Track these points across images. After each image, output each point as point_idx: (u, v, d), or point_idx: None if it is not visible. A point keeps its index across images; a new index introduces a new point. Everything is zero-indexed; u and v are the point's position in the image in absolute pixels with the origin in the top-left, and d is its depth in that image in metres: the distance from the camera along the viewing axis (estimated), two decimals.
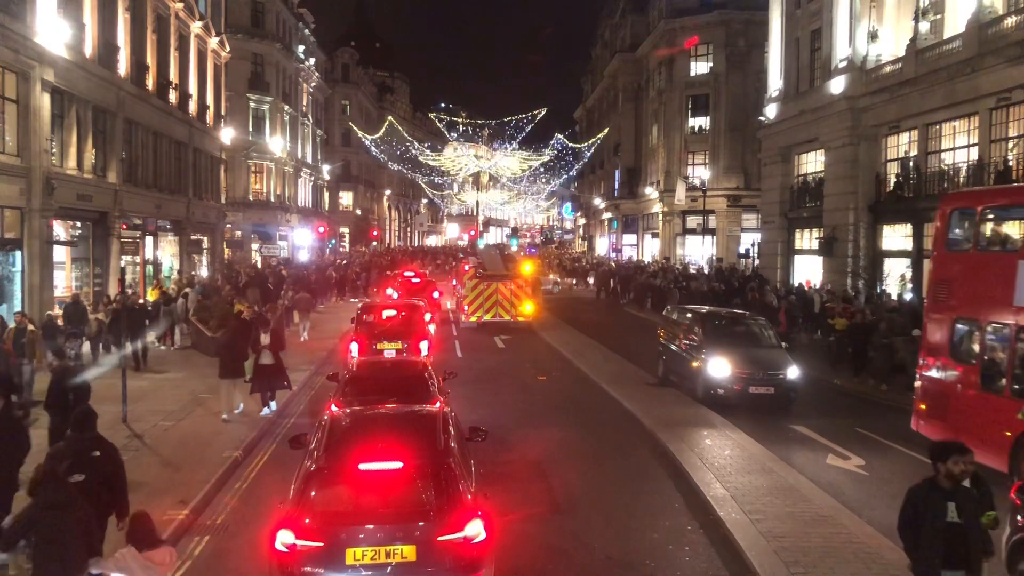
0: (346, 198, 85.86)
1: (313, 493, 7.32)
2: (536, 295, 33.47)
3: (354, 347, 18.95)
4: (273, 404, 15.62)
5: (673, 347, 19.21)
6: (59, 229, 24.77)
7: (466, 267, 36.09)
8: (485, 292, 29.52)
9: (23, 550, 6.58)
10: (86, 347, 19.73)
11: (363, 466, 7.44)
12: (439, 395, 11.73)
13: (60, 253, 24.91)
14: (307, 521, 7.07)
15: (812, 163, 34.54)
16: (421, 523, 7.11)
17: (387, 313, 21.53)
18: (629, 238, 68.70)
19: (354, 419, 9.09)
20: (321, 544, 6.97)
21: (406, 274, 37.60)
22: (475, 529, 7.08)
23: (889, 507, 9.23)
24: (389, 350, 19.03)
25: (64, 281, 25.17)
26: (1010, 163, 22.01)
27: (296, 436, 9.55)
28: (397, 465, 7.46)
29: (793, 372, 16.57)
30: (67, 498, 6.64)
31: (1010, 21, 21.83)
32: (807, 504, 10.63)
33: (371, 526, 7.09)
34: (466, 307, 29.97)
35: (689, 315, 19.53)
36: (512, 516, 9.81)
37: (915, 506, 6.60)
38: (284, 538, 6.98)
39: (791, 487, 11.33)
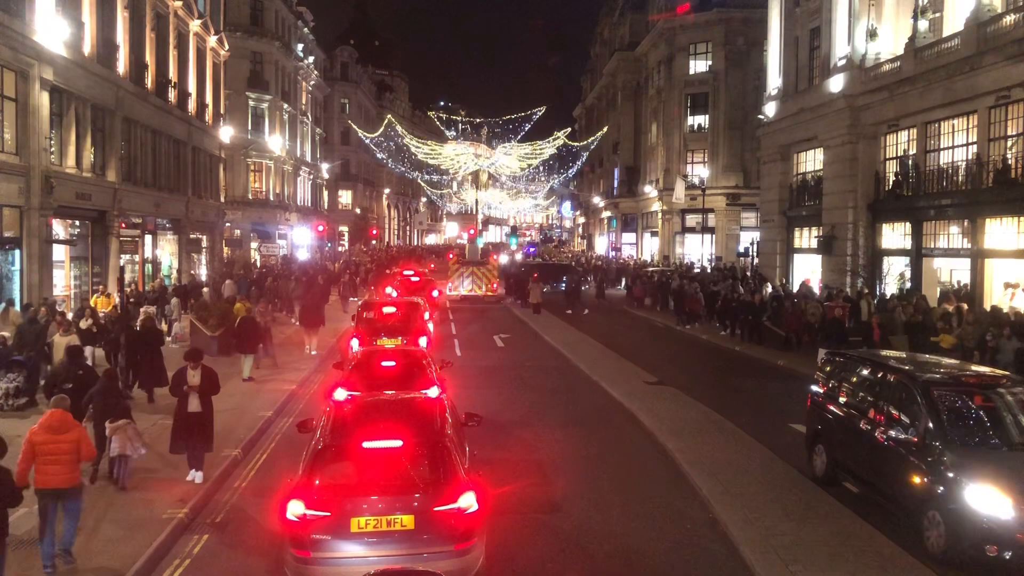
0: (345, 197, 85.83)
1: (321, 468, 7.93)
2: (536, 289, 35.86)
3: (355, 343, 19.05)
4: (199, 475, 11.27)
5: (857, 429, 10.97)
6: (58, 228, 24.79)
7: (450, 256, 48.22)
8: (464, 273, 40.66)
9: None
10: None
11: (366, 444, 8.04)
12: (437, 381, 12.69)
13: (59, 252, 24.93)
14: (315, 493, 7.65)
15: (811, 161, 34.54)
16: (419, 495, 7.74)
17: (387, 310, 21.75)
18: (628, 237, 68.77)
19: (357, 404, 9.79)
20: (328, 514, 7.54)
21: (405, 273, 37.97)
22: (468, 501, 7.68)
23: None
24: (389, 345, 19.09)
25: (63, 280, 25.18)
26: (1009, 161, 22.00)
27: (303, 420, 10.41)
28: (397, 443, 8.05)
29: None
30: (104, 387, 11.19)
31: (1009, 19, 21.81)
32: None
33: (374, 497, 7.70)
34: (450, 284, 40.10)
35: (887, 374, 10.92)
36: (512, 514, 9.84)
37: None
38: (294, 508, 7.56)
39: None
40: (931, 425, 9.53)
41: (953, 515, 8.74)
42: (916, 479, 9.43)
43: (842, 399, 11.82)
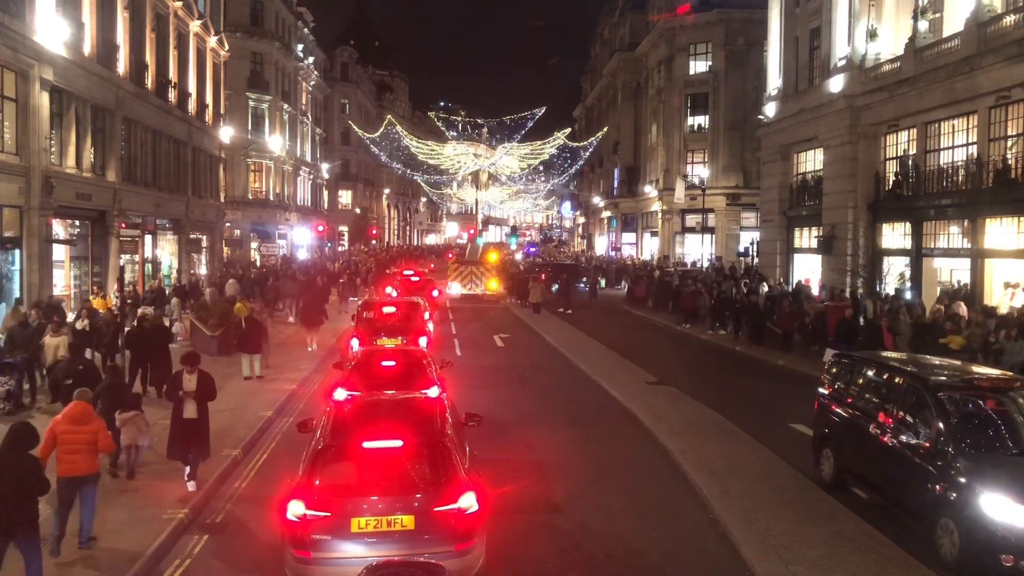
0: (345, 196, 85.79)
1: (321, 468, 7.95)
2: (536, 289, 35.96)
3: (355, 343, 19.05)
4: (191, 484, 10.94)
5: (866, 434, 10.71)
6: (58, 228, 24.77)
7: (449, 256, 51.04)
8: (463, 272, 41.80)
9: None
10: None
11: (366, 444, 8.07)
12: (437, 380, 12.67)
13: (59, 252, 24.91)
14: (316, 493, 7.69)
15: (811, 162, 34.53)
16: (419, 495, 7.78)
17: (387, 310, 21.74)
18: (628, 236, 68.76)
19: (357, 404, 9.83)
20: (328, 514, 7.58)
21: (405, 272, 37.96)
22: (468, 501, 7.71)
23: None
24: (389, 345, 19.07)
25: (63, 280, 25.18)
26: (1009, 162, 22.00)
27: (303, 420, 10.45)
28: (397, 443, 8.07)
29: None
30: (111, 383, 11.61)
31: (1009, 19, 21.81)
32: None
33: (374, 498, 7.73)
34: (449, 283, 41.27)
35: (896, 376, 10.75)
36: (512, 514, 9.83)
37: None
38: (295, 508, 7.59)
39: None
40: (943, 430, 9.25)
41: (967, 523, 8.49)
42: (928, 485, 9.16)
43: (850, 402, 11.49)
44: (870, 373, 11.47)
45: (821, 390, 12.44)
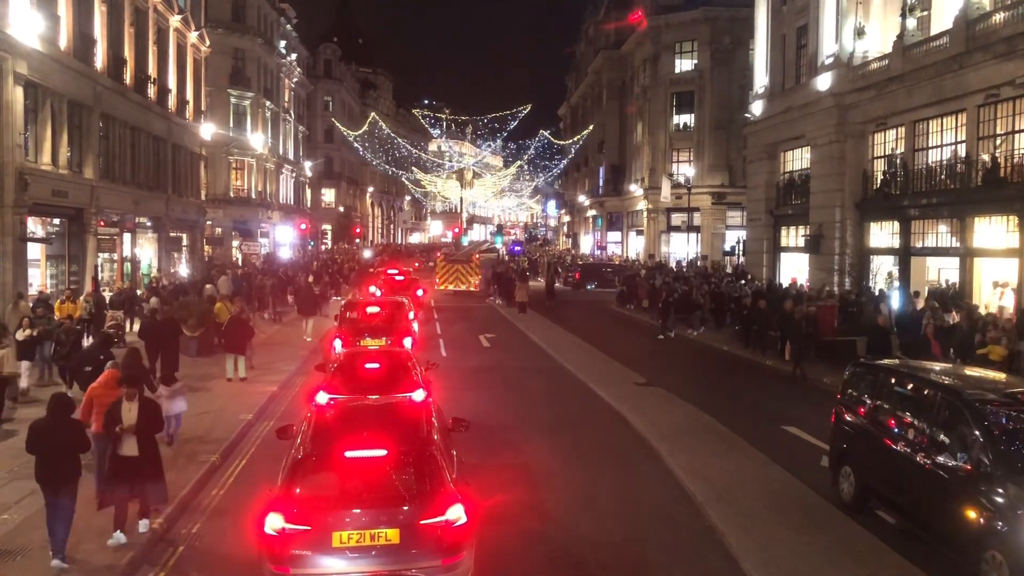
0: (328, 195, 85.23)
1: (301, 479, 7.59)
2: (522, 288, 35.72)
3: (337, 343, 18.67)
4: (143, 523, 9.37)
5: (893, 452, 9.73)
6: (34, 226, 24.24)
7: (438, 254, 55.12)
8: (449, 270, 44.35)
9: None
10: None
11: (349, 453, 7.68)
12: (422, 383, 12.31)
13: (35, 250, 24.39)
14: (295, 506, 7.31)
15: (798, 160, 34.43)
16: (404, 507, 7.41)
17: (371, 310, 21.36)
18: (614, 235, 68.63)
19: (339, 410, 9.49)
20: (309, 528, 7.19)
21: (390, 272, 37.58)
22: (456, 513, 7.34)
23: None
24: (373, 347, 18.72)
25: (39, 279, 24.64)
26: (998, 160, 21.89)
27: (283, 427, 9.94)
28: (381, 453, 7.71)
29: None
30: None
31: (998, 17, 21.70)
32: None
33: (357, 510, 7.34)
34: (437, 279, 44.10)
35: (929, 389, 9.61)
36: (501, 524, 9.52)
37: None
38: (273, 522, 7.21)
39: None
40: (987, 451, 8.18)
41: (1021, 557, 7.43)
42: (970, 513, 8.10)
43: (873, 417, 10.43)
44: (898, 385, 10.32)
45: (841, 400, 11.41)
